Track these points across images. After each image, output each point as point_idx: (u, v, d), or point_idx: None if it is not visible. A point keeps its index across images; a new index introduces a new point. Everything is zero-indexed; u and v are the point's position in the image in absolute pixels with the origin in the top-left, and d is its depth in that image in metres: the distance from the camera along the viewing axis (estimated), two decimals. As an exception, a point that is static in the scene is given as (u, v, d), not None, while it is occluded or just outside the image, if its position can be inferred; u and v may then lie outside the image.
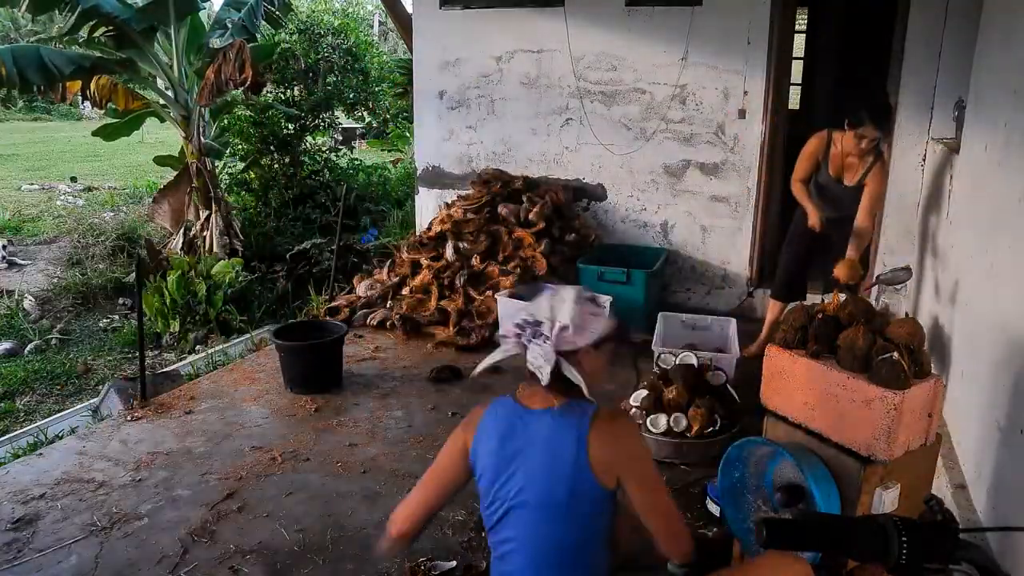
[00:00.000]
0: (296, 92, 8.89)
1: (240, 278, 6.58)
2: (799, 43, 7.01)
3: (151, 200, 8.37)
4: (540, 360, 1.68)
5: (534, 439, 1.72)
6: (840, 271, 3.51)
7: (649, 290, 4.72)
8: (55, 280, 7.65)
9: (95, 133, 7.93)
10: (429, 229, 5.37)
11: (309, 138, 9.00)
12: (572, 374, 1.69)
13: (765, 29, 4.74)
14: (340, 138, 11.98)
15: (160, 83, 7.59)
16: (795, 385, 2.29)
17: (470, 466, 1.80)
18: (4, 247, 8.49)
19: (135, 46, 6.99)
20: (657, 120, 5.18)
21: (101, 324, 6.73)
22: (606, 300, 1.84)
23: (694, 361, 3.50)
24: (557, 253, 5.07)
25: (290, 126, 8.52)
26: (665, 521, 1.71)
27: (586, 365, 1.72)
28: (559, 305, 1.70)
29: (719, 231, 5.19)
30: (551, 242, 5.08)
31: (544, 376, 1.68)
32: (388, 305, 4.99)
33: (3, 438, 4.28)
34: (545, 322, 1.70)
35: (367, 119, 12.85)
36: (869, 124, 3.61)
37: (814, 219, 3.96)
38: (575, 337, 1.69)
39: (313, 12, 10.24)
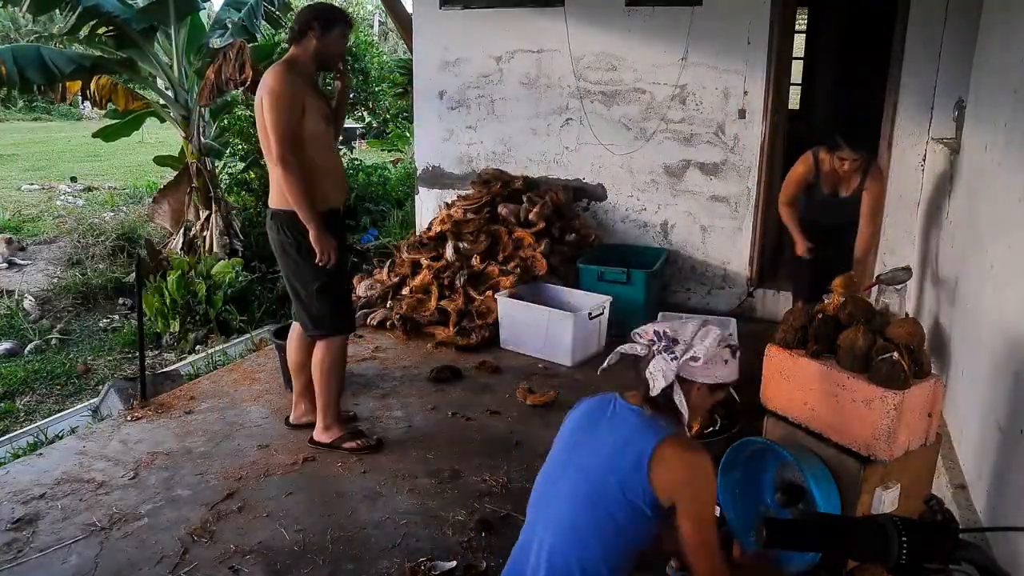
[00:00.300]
0: (296, 92, 8.91)
1: (240, 278, 6.58)
2: (799, 43, 7.01)
3: (151, 200, 8.36)
4: (659, 373, 1.75)
5: (618, 426, 1.78)
6: (838, 284, 3.52)
7: (649, 290, 4.73)
8: (55, 280, 7.65)
9: (96, 134, 7.93)
10: (429, 229, 5.37)
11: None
12: (680, 401, 1.74)
13: (765, 29, 4.74)
14: (340, 138, 11.97)
15: (160, 83, 7.58)
16: (795, 385, 2.29)
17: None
18: (9, 242, 8.48)
19: (135, 46, 6.99)
20: (657, 120, 5.18)
21: (101, 324, 6.72)
22: (729, 320, 1.89)
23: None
24: (557, 253, 5.07)
25: (290, 126, 8.51)
26: (705, 563, 1.72)
27: (694, 399, 1.79)
28: (702, 336, 1.78)
29: (719, 231, 5.19)
30: (551, 242, 5.08)
31: (655, 389, 1.74)
32: (388, 305, 4.99)
33: (3, 438, 4.28)
34: (681, 344, 1.77)
35: (367, 119, 12.84)
36: (846, 148, 3.59)
37: (801, 248, 3.97)
38: (699, 371, 1.76)
39: (313, 12, 10.26)
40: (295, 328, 3.40)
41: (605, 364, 1.90)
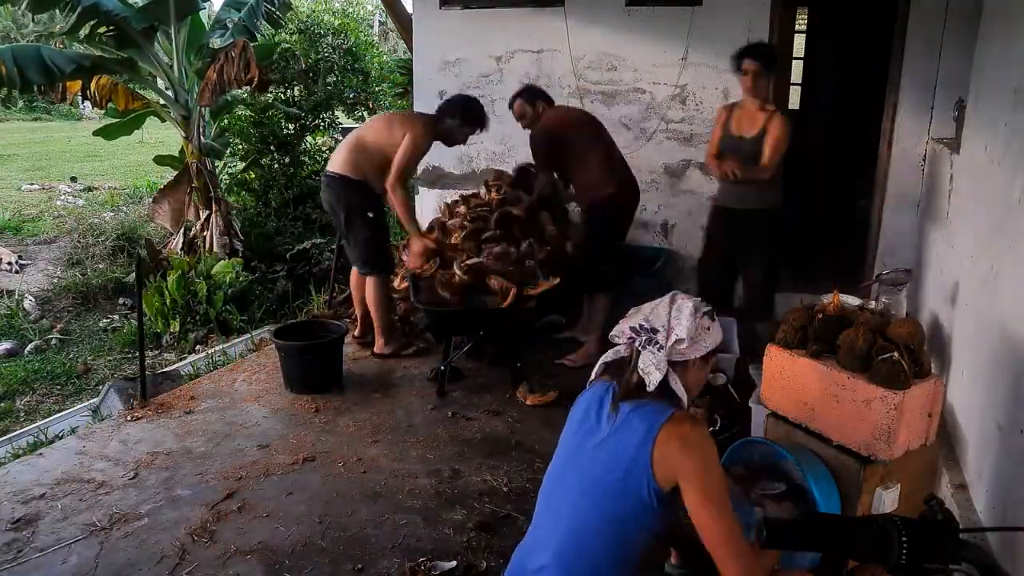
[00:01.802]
0: (296, 92, 8.89)
1: (240, 278, 6.57)
2: (799, 43, 7.00)
3: (151, 200, 8.36)
4: (651, 368, 1.71)
5: (616, 422, 1.75)
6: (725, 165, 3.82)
7: (649, 290, 4.71)
8: (55, 280, 7.65)
9: (96, 133, 7.92)
10: (431, 231, 5.35)
11: (309, 138, 8.99)
12: (677, 387, 1.72)
13: (765, 29, 4.73)
14: (340, 138, 11.95)
15: (160, 83, 7.58)
16: (795, 385, 2.29)
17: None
18: (16, 261, 8.45)
19: (135, 46, 6.99)
20: (657, 120, 5.17)
21: (101, 324, 6.72)
22: (730, 321, 1.84)
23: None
24: (557, 253, 5.06)
25: (290, 126, 8.51)
26: (722, 542, 1.60)
27: (690, 377, 1.77)
28: (677, 316, 1.74)
29: (719, 231, 5.17)
30: (551, 242, 5.06)
31: (652, 384, 1.71)
32: (388, 305, 4.98)
33: (3, 438, 4.28)
34: (661, 331, 1.73)
35: (367, 119, 12.79)
36: (747, 58, 3.82)
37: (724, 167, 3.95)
38: (688, 350, 1.73)
39: (313, 12, 10.20)
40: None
41: (592, 376, 1.87)
